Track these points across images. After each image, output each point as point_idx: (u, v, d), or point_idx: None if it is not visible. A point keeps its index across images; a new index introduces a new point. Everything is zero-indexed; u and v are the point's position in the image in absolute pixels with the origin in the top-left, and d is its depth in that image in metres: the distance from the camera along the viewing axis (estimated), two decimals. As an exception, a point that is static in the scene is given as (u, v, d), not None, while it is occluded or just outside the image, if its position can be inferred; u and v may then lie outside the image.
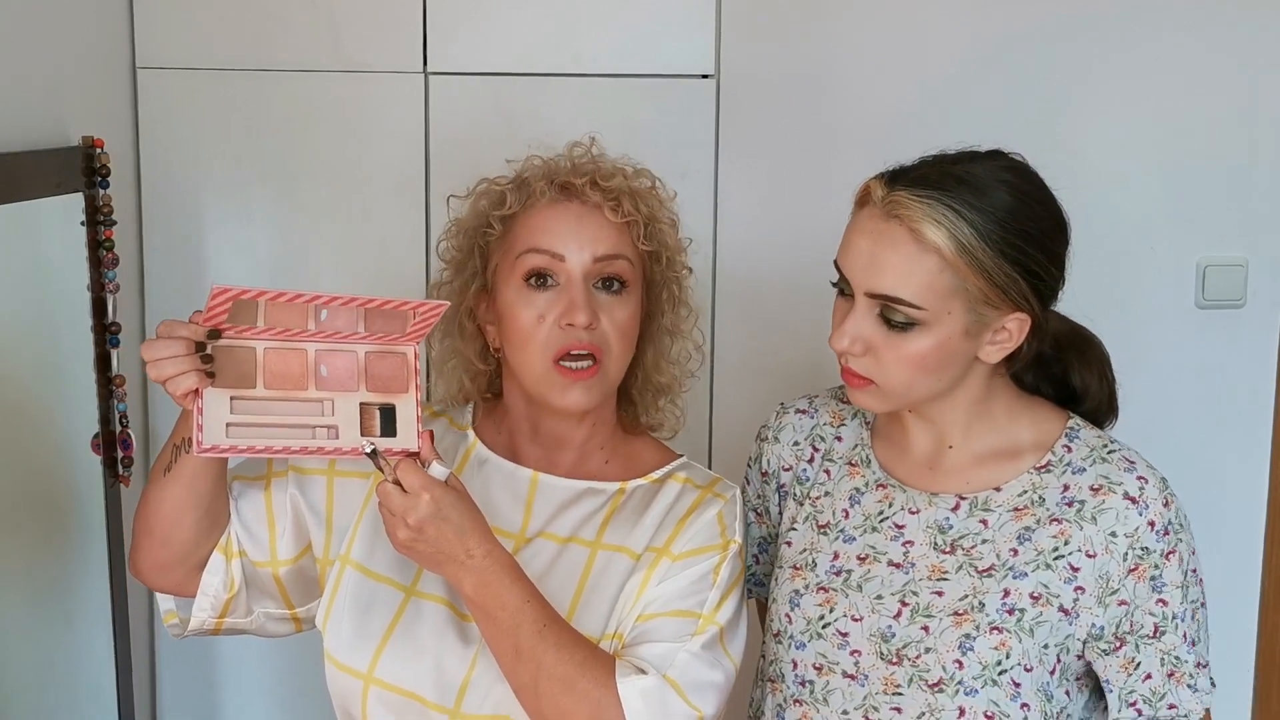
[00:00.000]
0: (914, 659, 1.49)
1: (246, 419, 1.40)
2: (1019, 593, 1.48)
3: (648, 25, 2.33)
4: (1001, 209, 1.42)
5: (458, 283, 1.61)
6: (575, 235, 1.52)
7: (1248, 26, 2.40)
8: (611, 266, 1.53)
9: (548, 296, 1.52)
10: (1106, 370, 1.62)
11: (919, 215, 1.41)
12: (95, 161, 2.00)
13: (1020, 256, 1.42)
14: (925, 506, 1.54)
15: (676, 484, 1.60)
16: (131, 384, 2.21)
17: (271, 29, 2.30)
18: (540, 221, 1.54)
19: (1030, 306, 1.45)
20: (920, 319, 1.43)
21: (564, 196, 1.55)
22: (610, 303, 1.53)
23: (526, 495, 1.58)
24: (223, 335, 1.40)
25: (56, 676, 2.01)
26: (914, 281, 1.42)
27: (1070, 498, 1.50)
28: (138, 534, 1.55)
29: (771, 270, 2.37)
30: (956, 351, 1.46)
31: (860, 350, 1.46)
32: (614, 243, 1.54)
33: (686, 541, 1.54)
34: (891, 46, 2.39)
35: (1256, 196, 2.45)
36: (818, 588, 1.55)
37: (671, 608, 1.50)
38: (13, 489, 1.91)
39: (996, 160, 1.49)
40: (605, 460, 1.61)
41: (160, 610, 1.63)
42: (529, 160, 1.62)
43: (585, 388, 1.51)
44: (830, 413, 1.67)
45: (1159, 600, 1.48)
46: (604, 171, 1.57)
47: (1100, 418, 1.62)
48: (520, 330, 1.52)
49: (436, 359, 1.66)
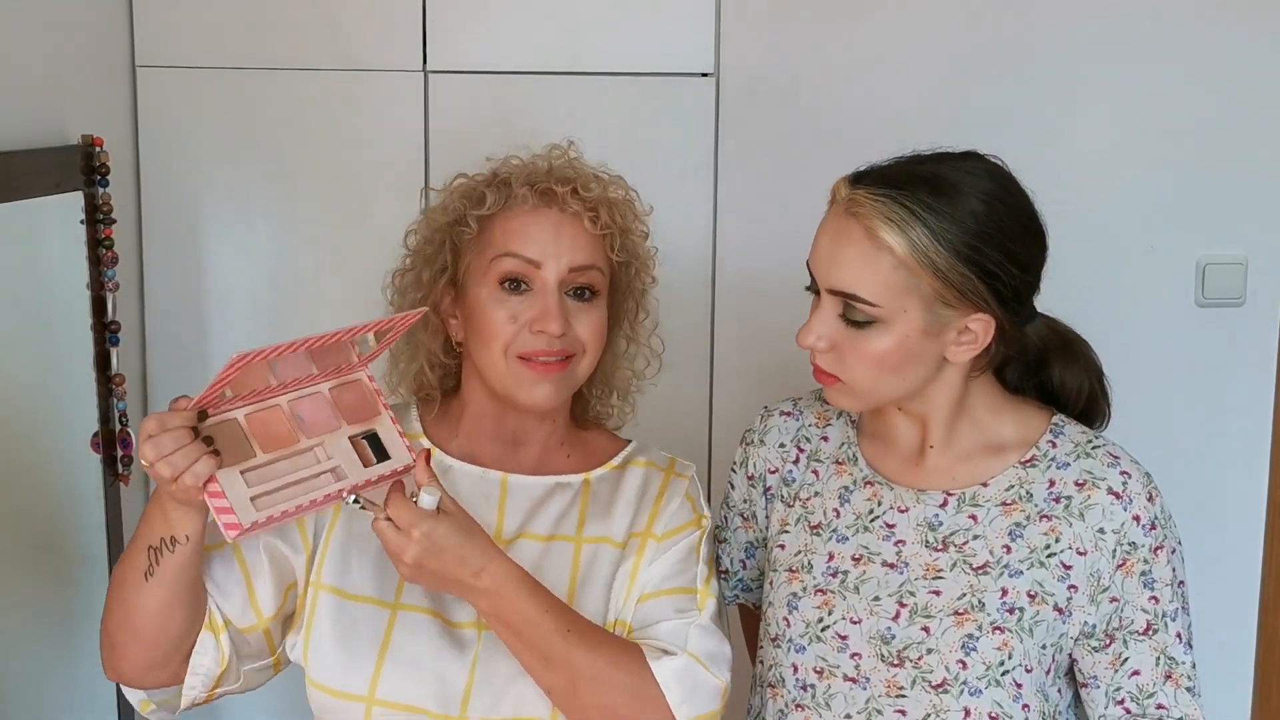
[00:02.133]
0: (916, 660, 1.49)
1: (262, 488, 1.36)
2: (1017, 591, 1.49)
3: (647, 24, 2.33)
4: (962, 209, 1.42)
5: (426, 275, 1.59)
6: (553, 244, 1.52)
7: (1247, 25, 2.40)
8: (585, 276, 1.54)
9: (521, 301, 1.52)
10: (1093, 372, 1.61)
11: (873, 214, 1.42)
12: (95, 160, 2.01)
13: (976, 257, 1.42)
14: (913, 504, 1.55)
15: (639, 469, 1.63)
16: (131, 382, 2.21)
17: (271, 27, 2.30)
18: (519, 226, 1.54)
19: (990, 308, 1.45)
20: (877, 316, 1.44)
21: (544, 202, 1.55)
22: (580, 309, 1.54)
23: (498, 498, 1.57)
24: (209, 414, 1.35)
25: (56, 676, 2.01)
26: (869, 279, 1.43)
27: (1057, 493, 1.51)
28: (116, 639, 1.48)
29: (771, 269, 2.37)
30: (918, 351, 1.46)
31: (825, 347, 1.48)
32: (589, 253, 1.55)
33: (666, 522, 1.58)
34: (891, 45, 2.39)
35: (1256, 195, 2.44)
36: (815, 590, 1.55)
37: (667, 586, 1.54)
38: (12, 488, 1.91)
39: (968, 161, 1.49)
40: (567, 454, 1.62)
41: (133, 702, 1.55)
42: (507, 160, 1.62)
43: (553, 383, 1.52)
44: (815, 413, 1.67)
45: (1151, 597, 1.49)
46: (584, 180, 1.57)
47: (1090, 419, 1.62)
48: (490, 328, 1.52)
49: (394, 352, 1.63)
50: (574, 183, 1.55)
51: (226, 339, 2.37)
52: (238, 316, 2.36)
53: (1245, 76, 2.41)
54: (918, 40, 2.39)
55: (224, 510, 1.32)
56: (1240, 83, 2.41)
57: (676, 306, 2.41)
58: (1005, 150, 1.55)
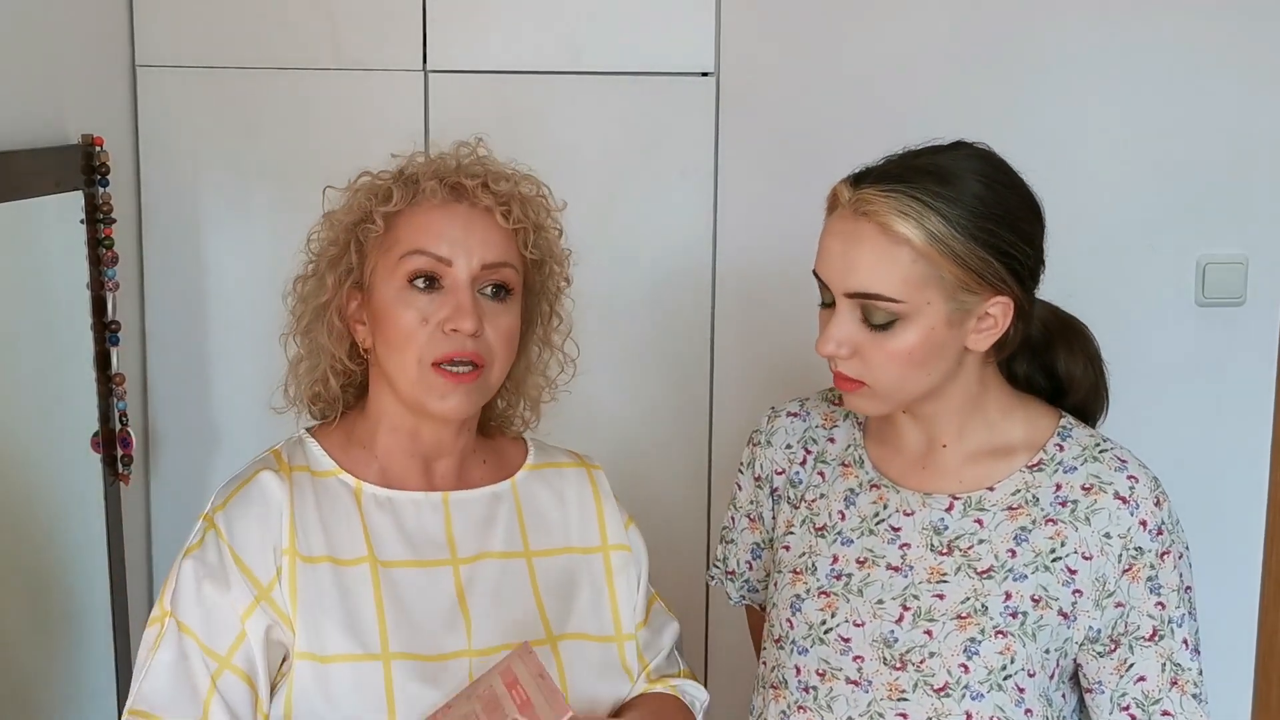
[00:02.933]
0: (918, 664, 1.48)
1: None
2: (1020, 595, 1.48)
3: (648, 23, 2.33)
4: (967, 194, 1.42)
5: (329, 278, 1.51)
6: (464, 240, 1.45)
7: (1247, 23, 2.40)
8: (499, 273, 1.47)
9: (432, 299, 1.44)
10: (1095, 360, 1.61)
11: (885, 209, 1.41)
12: (95, 159, 2.01)
13: (991, 239, 1.42)
14: (919, 507, 1.54)
15: (554, 469, 1.61)
16: (131, 382, 2.21)
17: (271, 27, 2.30)
18: (428, 222, 1.46)
19: (1010, 288, 1.45)
20: (900, 312, 1.43)
21: (454, 197, 1.47)
22: (495, 309, 1.47)
23: (443, 519, 1.51)
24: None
25: (56, 676, 2.01)
26: (889, 275, 1.42)
27: (1063, 497, 1.50)
28: None
29: (771, 268, 2.37)
30: (943, 342, 1.46)
31: (847, 353, 1.46)
32: (502, 249, 1.48)
33: (614, 528, 1.59)
34: (892, 45, 2.39)
35: (1256, 194, 2.44)
36: (819, 592, 1.55)
37: (641, 605, 1.58)
38: (13, 487, 1.90)
39: (960, 149, 1.49)
40: (483, 460, 1.57)
41: None
42: (414, 156, 1.55)
43: (466, 393, 1.44)
44: (822, 414, 1.67)
45: (1157, 603, 1.47)
46: (494, 175, 1.50)
47: (1090, 408, 1.62)
48: (399, 331, 1.44)
49: (293, 360, 1.54)
50: (483, 177, 1.49)
51: (226, 338, 2.37)
52: (238, 316, 2.36)
53: (1245, 74, 2.41)
54: (918, 39, 2.39)
55: None
56: (1240, 82, 2.41)
57: (676, 306, 2.42)
58: (1006, 149, 1.55)
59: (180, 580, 1.41)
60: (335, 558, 1.44)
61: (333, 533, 1.45)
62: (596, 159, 2.36)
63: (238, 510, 1.43)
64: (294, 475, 1.48)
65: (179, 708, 1.37)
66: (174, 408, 2.39)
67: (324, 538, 1.44)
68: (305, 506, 1.45)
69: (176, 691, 1.38)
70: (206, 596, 1.39)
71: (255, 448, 1.56)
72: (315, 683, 1.38)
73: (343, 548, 1.44)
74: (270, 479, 1.46)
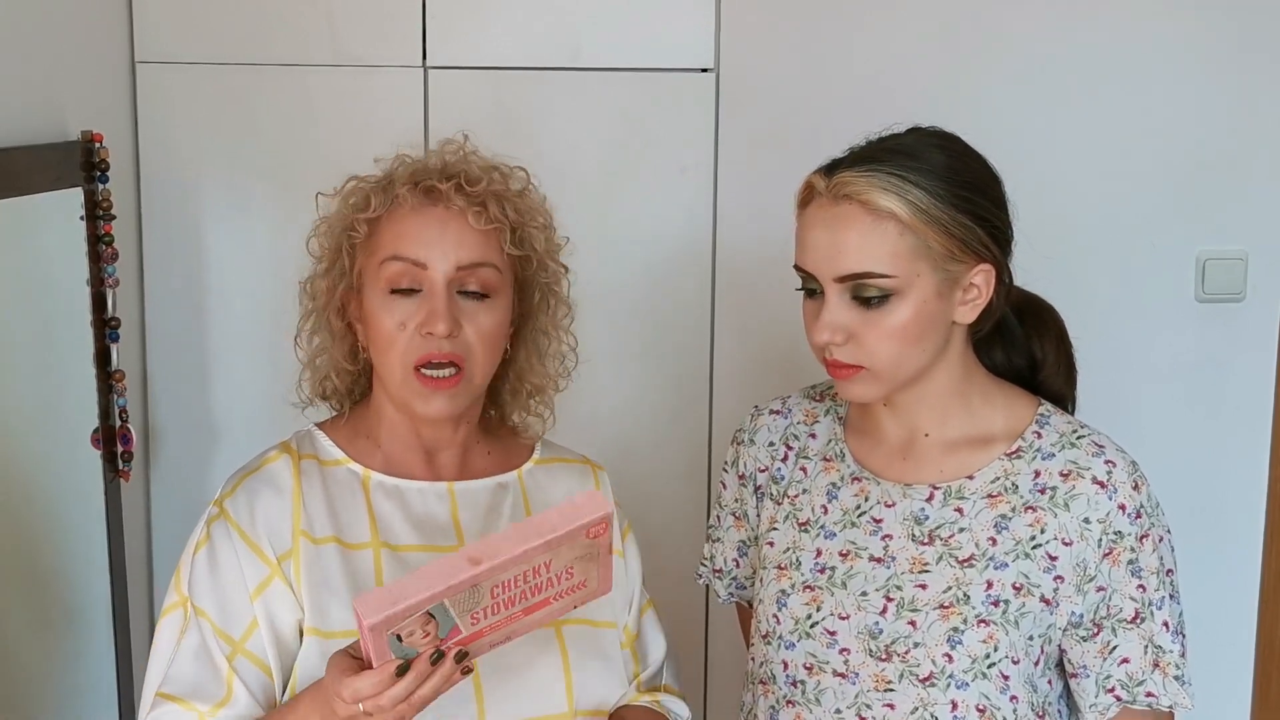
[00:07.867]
0: (903, 654, 1.49)
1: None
2: (1002, 583, 1.49)
3: (647, 19, 2.33)
4: (939, 166, 1.46)
5: (327, 281, 1.55)
6: (438, 243, 1.47)
7: (1246, 21, 2.40)
8: (475, 275, 1.48)
9: (410, 304, 1.46)
10: (1063, 337, 1.65)
11: (867, 187, 1.44)
12: (94, 156, 2.01)
13: (969, 205, 1.46)
14: (900, 498, 1.55)
15: (562, 464, 1.63)
16: (131, 378, 2.21)
17: (270, 23, 2.30)
18: (403, 228, 1.48)
19: (991, 254, 1.48)
20: (893, 288, 1.45)
21: (428, 201, 1.49)
22: (475, 309, 1.48)
23: (449, 508, 1.54)
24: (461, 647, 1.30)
25: (57, 672, 2.01)
26: (878, 252, 1.44)
27: (1042, 484, 1.51)
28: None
29: (771, 266, 2.36)
30: (934, 315, 1.47)
31: (842, 339, 1.47)
32: (478, 250, 1.48)
33: (614, 531, 1.56)
34: (892, 42, 2.39)
35: (1256, 190, 2.44)
36: (804, 586, 1.56)
37: (634, 611, 1.61)
38: (13, 484, 1.91)
39: (917, 131, 1.53)
40: (487, 452, 1.59)
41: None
42: (398, 158, 1.56)
43: (448, 396, 1.47)
44: (804, 411, 1.68)
45: (1138, 585, 1.49)
46: (471, 175, 1.51)
47: (1060, 388, 1.64)
48: (382, 335, 1.47)
49: (306, 358, 1.58)
50: (459, 178, 1.50)
51: (226, 334, 2.37)
52: (237, 312, 2.37)
53: (1245, 73, 2.41)
54: (918, 36, 2.39)
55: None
56: (1240, 80, 2.41)
57: (676, 302, 2.42)
58: (1006, 147, 1.56)
59: (195, 566, 1.46)
60: (342, 540, 1.47)
61: (340, 517, 1.49)
62: (596, 155, 2.36)
63: (246, 494, 1.49)
64: (302, 463, 1.52)
65: (206, 690, 1.42)
66: (174, 404, 2.39)
67: (330, 521, 1.48)
68: (313, 490, 1.50)
69: (200, 674, 1.43)
70: (219, 581, 1.45)
71: (255, 444, 1.57)
72: (321, 658, 1.40)
73: (349, 531, 1.48)
74: (279, 464, 1.51)
